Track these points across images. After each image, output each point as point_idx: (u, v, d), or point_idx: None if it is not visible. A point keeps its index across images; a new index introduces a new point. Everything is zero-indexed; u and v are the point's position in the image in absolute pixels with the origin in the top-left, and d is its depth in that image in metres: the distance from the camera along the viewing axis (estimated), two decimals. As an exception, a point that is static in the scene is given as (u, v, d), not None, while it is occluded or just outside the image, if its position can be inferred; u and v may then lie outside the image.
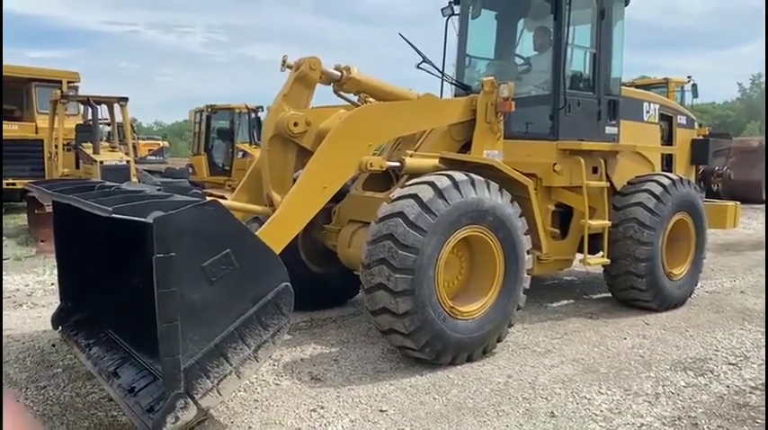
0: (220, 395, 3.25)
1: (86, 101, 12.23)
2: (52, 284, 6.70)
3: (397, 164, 4.87)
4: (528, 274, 4.86)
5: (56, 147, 12.08)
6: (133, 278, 4.63)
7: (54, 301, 4.95)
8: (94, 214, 3.44)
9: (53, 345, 4.87)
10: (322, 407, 3.81)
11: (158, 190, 4.13)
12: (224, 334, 3.25)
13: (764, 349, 5.01)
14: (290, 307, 3.52)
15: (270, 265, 3.47)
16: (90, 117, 12.27)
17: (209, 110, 15.16)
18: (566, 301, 6.53)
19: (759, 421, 3.74)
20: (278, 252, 3.86)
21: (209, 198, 3.53)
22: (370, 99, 5.50)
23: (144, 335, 3.75)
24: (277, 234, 4.16)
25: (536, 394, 4.06)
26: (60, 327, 4.74)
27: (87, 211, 3.57)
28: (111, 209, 3.21)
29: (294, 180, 4.73)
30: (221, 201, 3.72)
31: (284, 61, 4.94)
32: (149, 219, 3.02)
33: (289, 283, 3.51)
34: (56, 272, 4.91)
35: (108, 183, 4.60)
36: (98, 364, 4.02)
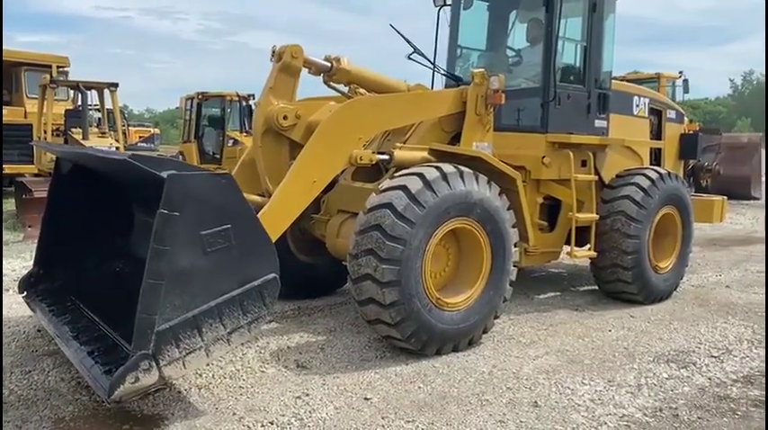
0: (185, 368, 3.22)
1: (76, 86, 12.15)
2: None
3: (386, 157, 4.87)
4: (515, 267, 4.89)
5: (45, 132, 11.99)
6: (113, 261, 4.64)
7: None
8: (101, 177, 3.38)
9: (38, 331, 4.86)
10: (307, 394, 3.83)
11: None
12: (204, 307, 3.23)
13: (762, 343, 5.08)
14: (274, 299, 3.52)
15: (264, 253, 3.47)
16: (80, 102, 12.20)
17: (200, 97, 15.09)
18: (552, 293, 6.58)
19: (739, 413, 3.79)
20: None
21: None
22: (361, 90, 5.50)
23: (111, 309, 3.75)
24: (267, 227, 4.16)
25: (520, 384, 4.10)
26: (26, 292, 4.73)
27: (80, 186, 3.54)
28: (128, 155, 3.22)
29: None
30: None
31: (274, 51, 4.93)
32: (163, 174, 3.03)
33: (278, 276, 3.51)
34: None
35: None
36: (60, 328, 4.00)
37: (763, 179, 17.17)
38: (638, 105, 6.76)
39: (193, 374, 4.06)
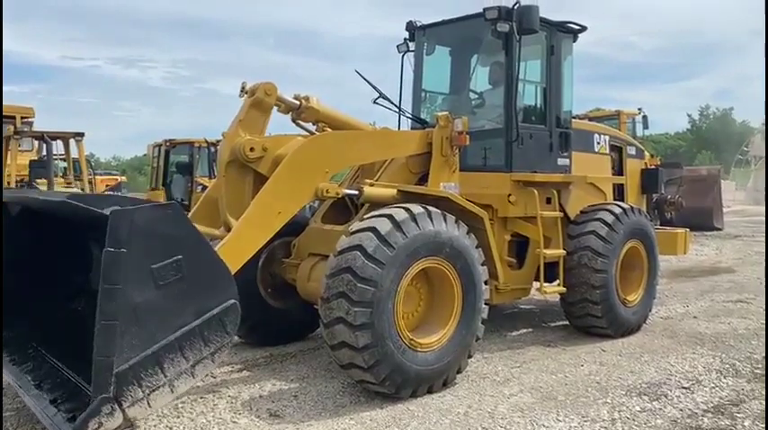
0: (150, 407, 3.13)
1: (41, 136, 12.05)
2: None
3: (355, 192, 4.92)
4: (486, 304, 4.92)
5: (8, 184, 11.81)
6: (72, 301, 4.53)
7: None
8: (44, 219, 3.34)
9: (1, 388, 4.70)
10: (281, 445, 3.75)
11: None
12: (163, 343, 3.15)
13: (731, 372, 5.15)
14: (235, 326, 3.45)
15: (220, 280, 3.42)
16: (44, 152, 12.09)
17: (168, 144, 15.05)
18: (524, 330, 6.61)
19: (711, 443, 3.83)
20: None
21: None
22: (328, 129, 5.57)
23: (73, 352, 3.65)
24: (229, 256, 4.14)
25: (495, 424, 4.08)
26: None
27: (31, 228, 3.49)
28: (66, 195, 3.16)
29: None
30: None
31: (243, 87, 4.97)
32: (105, 211, 2.98)
33: (237, 301, 3.45)
34: None
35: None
36: (21, 378, 3.87)
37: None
38: (598, 143, 6.95)
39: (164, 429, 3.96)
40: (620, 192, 7.37)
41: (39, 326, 4.51)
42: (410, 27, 6.62)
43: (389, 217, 4.39)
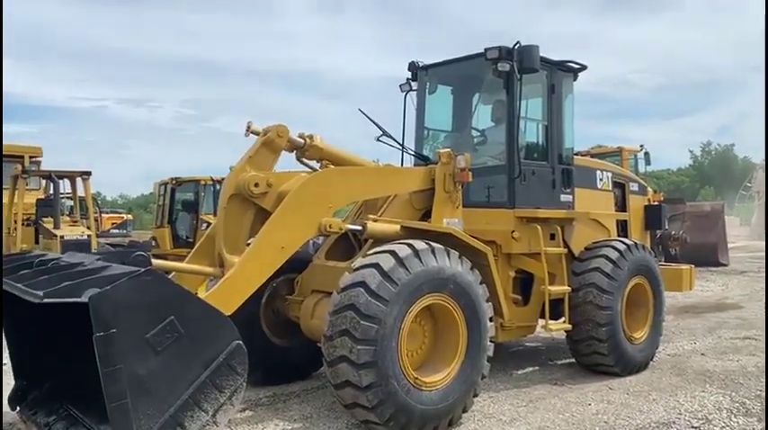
0: None
1: (48, 175, 12.16)
2: (5, 363, 6.42)
3: (359, 228, 4.94)
4: (491, 342, 4.88)
5: (15, 222, 11.88)
6: (90, 350, 4.49)
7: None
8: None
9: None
10: (283, 487, 3.69)
11: (98, 259, 4.03)
12: (178, 403, 3.17)
13: (741, 411, 5.07)
14: (245, 365, 3.47)
15: (218, 326, 3.44)
16: (51, 191, 12.18)
17: (174, 182, 15.16)
18: (531, 368, 6.53)
19: (723, 485, 3.74)
20: (231, 311, 3.85)
21: (153, 261, 3.47)
22: (332, 167, 5.61)
23: (105, 408, 3.64)
24: (231, 293, 4.16)
25: (502, 464, 4.01)
26: (18, 408, 4.53)
27: None
28: (41, 294, 3.16)
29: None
30: (159, 262, 3.67)
31: (248, 127, 5.04)
32: (84, 299, 2.98)
33: (240, 342, 3.48)
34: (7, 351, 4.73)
35: (49, 256, 4.49)
36: None
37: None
38: (601, 179, 6.98)
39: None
40: (623, 228, 7.35)
41: (64, 379, 4.46)
42: (412, 67, 6.73)
43: (393, 253, 4.39)
